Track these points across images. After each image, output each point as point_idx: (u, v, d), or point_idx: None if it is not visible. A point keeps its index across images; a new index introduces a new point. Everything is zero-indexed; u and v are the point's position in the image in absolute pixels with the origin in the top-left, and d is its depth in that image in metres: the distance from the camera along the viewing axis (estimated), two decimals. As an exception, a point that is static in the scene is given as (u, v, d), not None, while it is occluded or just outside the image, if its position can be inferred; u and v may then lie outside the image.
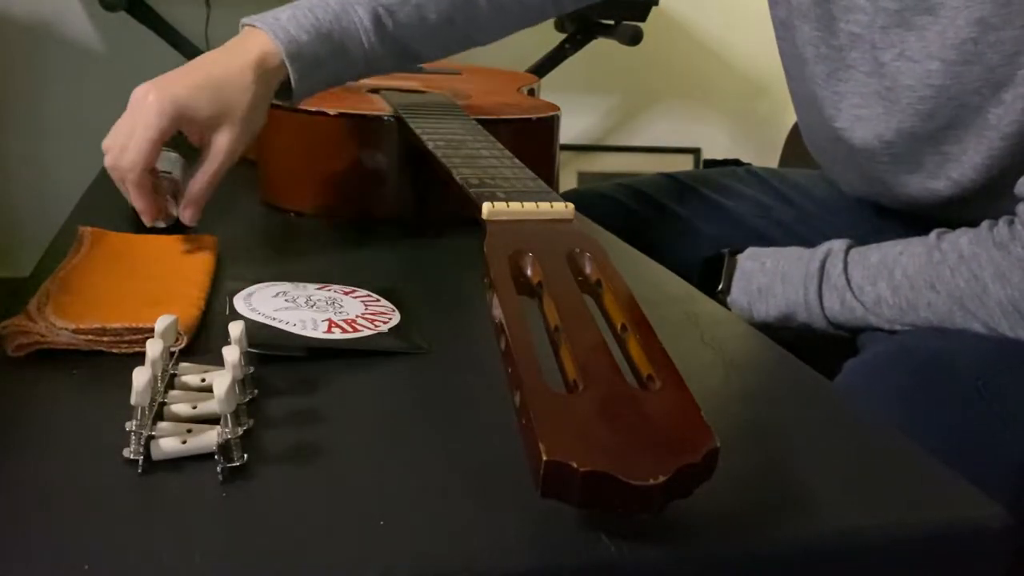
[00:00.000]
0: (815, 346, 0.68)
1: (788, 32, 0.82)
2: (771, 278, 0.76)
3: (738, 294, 0.78)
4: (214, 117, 0.64)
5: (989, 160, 0.71)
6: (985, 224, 0.67)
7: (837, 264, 0.72)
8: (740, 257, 0.80)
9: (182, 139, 0.67)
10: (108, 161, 0.63)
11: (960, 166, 0.74)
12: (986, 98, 0.69)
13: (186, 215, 0.66)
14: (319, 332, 0.50)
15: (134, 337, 0.48)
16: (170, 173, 0.72)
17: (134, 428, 0.38)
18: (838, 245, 0.74)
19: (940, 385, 0.61)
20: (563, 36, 1.79)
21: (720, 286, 0.79)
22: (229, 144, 0.65)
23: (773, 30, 0.86)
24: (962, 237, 0.67)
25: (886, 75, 0.73)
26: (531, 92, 1.03)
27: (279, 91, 0.69)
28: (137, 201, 0.64)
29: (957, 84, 0.69)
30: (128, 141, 0.62)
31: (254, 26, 0.67)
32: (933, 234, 0.69)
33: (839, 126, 0.80)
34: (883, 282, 0.69)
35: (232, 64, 0.65)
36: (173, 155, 0.76)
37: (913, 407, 0.59)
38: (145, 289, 0.56)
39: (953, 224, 0.70)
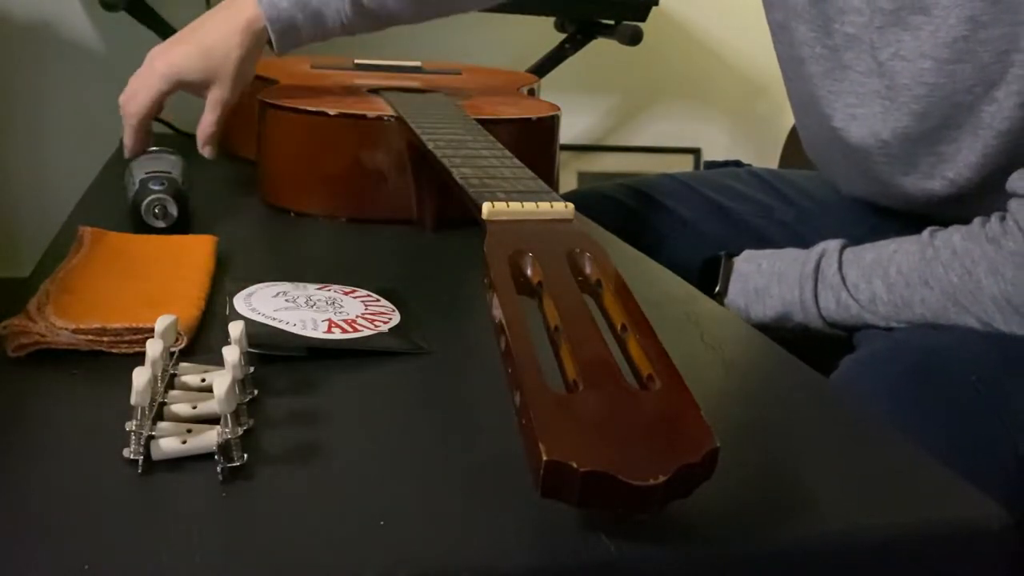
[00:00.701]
0: (813, 347, 0.69)
1: (785, 34, 0.83)
2: (767, 279, 0.77)
3: (735, 295, 0.79)
4: (206, 79, 0.78)
5: (984, 159, 0.72)
6: (977, 220, 0.67)
7: (832, 263, 0.73)
8: (737, 259, 0.80)
9: (180, 140, 0.68)
10: (121, 99, 0.79)
11: (955, 165, 0.74)
12: (979, 96, 0.69)
13: (206, 152, 0.81)
14: (319, 332, 0.50)
15: (134, 337, 0.48)
16: (170, 173, 0.72)
17: (134, 428, 0.38)
18: (833, 245, 0.75)
19: (935, 380, 0.61)
20: (563, 36, 1.79)
21: (717, 288, 0.80)
22: (220, 97, 0.79)
23: (770, 33, 0.87)
24: (955, 234, 0.68)
25: (885, 74, 0.73)
26: (531, 92, 1.03)
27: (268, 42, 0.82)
28: (128, 138, 0.80)
29: (950, 83, 0.69)
30: (136, 92, 0.78)
31: None
32: (926, 232, 0.70)
33: (835, 125, 0.80)
34: (878, 280, 0.70)
35: (222, 30, 0.78)
36: (173, 157, 0.76)
37: (908, 403, 0.60)
38: (145, 289, 0.55)
39: (951, 223, 0.70)
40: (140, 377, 0.38)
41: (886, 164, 0.79)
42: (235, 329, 0.44)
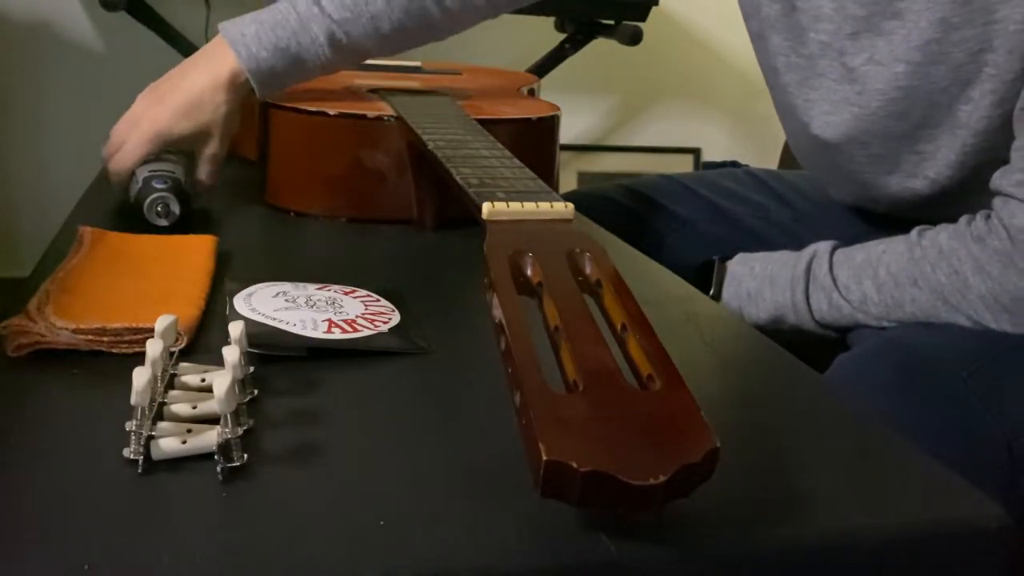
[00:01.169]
0: (808, 348, 0.69)
1: (761, 43, 0.84)
2: (760, 282, 0.77)
3: (729, 299, 0.79)
4: (195, 135, 0.76)
5: (963, 157, 0.73)
6: (963, 219, 0.68)
7: (823, 265, 0.73)
8: (730, 263, 0.81)
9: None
10: (104, 153, 0.77)
11: (936, 164, 0.75)
12: (955, 96, 0.70)
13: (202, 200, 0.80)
14: (319, 332, 0.50)
15: (134, 337, 0.48)
16: (172, 173, 0.72)
17: (134, 428, 0.38)
18: (823, 247, 0.75)
19: (926, 378, 0.61)
20: (563, 36, 1.79)
21: (711, 292, 0.80)
22: (212, 150, 0.78)
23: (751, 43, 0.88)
24: (941, 233, 0.68)
25: (856, 80, 0.75)
26: (531, 92, 1.03)
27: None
28: (113, 184, 0.77)
29: (925, 84, 0.70)
30: (120, 149, 0.75)
31: (225, 37, 0.77)
32: (914, 231, 0.70)
33: (814, 133, 0.81)
34: (868, 280, 0.70)
35: (206, 85, 0.76)
36: (174, 155, 0.76)
37: (900, 400, 0.60)
38: (145, 289, 0.56)
39: (941, 223, 0.70)
40: (140, 377, 0.38)
41: (868, 165, 0.79)
42: (235, 329, 0.44)
